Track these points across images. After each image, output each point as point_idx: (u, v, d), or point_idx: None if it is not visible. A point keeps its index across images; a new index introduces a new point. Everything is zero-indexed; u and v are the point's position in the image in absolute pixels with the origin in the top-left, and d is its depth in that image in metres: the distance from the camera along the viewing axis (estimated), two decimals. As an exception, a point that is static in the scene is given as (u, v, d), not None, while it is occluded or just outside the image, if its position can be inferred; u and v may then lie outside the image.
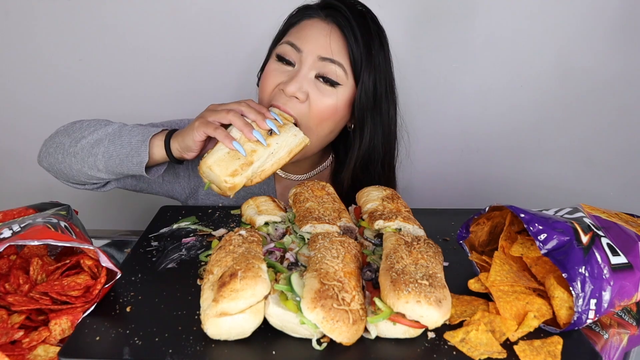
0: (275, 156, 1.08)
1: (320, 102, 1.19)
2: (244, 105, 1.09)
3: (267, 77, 1.24)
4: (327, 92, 1.20)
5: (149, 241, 1.07)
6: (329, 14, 1.22)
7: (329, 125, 1.24)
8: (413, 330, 0.75)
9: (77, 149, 1.17)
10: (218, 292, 0.73)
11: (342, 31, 1.20)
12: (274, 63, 1.24)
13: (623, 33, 1.76)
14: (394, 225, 0.95)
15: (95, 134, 1.17)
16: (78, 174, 1.20)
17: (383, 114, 1.28)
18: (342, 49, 1.20)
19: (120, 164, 1.14)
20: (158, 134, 1.15)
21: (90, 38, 1.79)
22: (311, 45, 1.19)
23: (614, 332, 0.89)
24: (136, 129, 1.16)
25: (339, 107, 1.22)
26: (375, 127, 1.27)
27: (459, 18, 1.76)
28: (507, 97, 1.86)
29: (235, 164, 1.03)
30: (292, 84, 1.16)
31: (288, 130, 1.09)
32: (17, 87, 1.86)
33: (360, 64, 1.20)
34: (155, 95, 1.88)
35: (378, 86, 1.24)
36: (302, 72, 1.18)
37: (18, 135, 1.92)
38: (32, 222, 0.92)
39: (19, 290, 0.83)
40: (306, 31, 1.22)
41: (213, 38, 1.80)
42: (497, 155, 1.95)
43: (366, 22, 1.22)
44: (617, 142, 1.90)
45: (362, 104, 1.22)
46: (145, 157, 1.12)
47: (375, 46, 1.22)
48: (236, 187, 1.04)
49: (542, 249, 0.80)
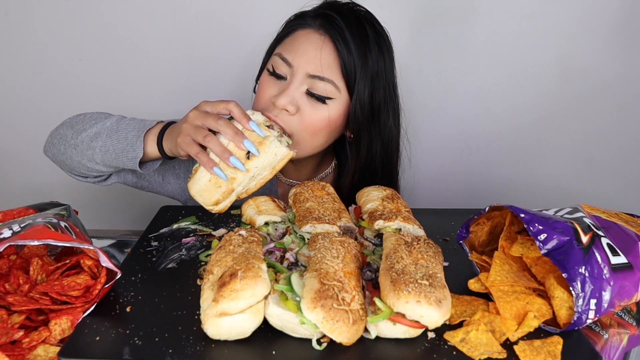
0: (257, 178, 1.05)
1: (312, 115, 1.18)
2: (222, 123, 1.02)
3: (260, 88, 1.23)
4: (317, 106, 1.18)
5: (149, 241, 1.07)
6: (322, 25, 1.18)
7: (324, 136, 1.23)
8: (413, 330, 0.75)
9: (77, 141, 1.18)
10: (218, 292, 0.73)
11: (334, 43, 1.16)
12: (267, 76, 1.23)
13: (623, 33, 1.76)
14: (394, 225, 0.95)
15: (95, 127, 1.17)
16: (78, 166, 1.21)
17: (382, 123, 1.25)
18: (333, 62, 1.16)
19: (116, 158, 1.14)
20: (152, 129, 1.13)
21: (90, 38, 1.80)
22: (302, 60, 1.16)
23: (614, 332, 0.89)
24: (133, 123, 1.15)
25: (332, 119, 1.19)
26: (372, 137, 1.25)
27: (460, 18, 1.76)
28: (507, 97, 1.86)
29: (217, 193, 1.03)
30: (282, 97, 1.15)
31: (268, 149, 1.02)
32: (17, 87, 1.86)
33: (353, 76, 1.17)
34: (155, 95, 1.88)
35: (375, 96, 1.20)
36: (292, 86, 1.16)
37: (18, 135, 1.92)
38: (32, 222, 0.92)
39: (19, 290, 0.83)
40: (298, 44, 1.19)
41: (213, 38, 1.80)
42: (497, 155, 1.95)
43: (363, 30, 1.18)
44: (617, 142, 1.90)
45: (357, 116, 1.19)
46: (139, 153, 1.11)
47: (372, 54, 1.18)
48: (223, 210, 1.07)
49: (542, 249, 0.80)
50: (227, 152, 1.00)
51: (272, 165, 1.05)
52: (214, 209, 1.06)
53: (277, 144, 1.02)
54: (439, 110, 1.88)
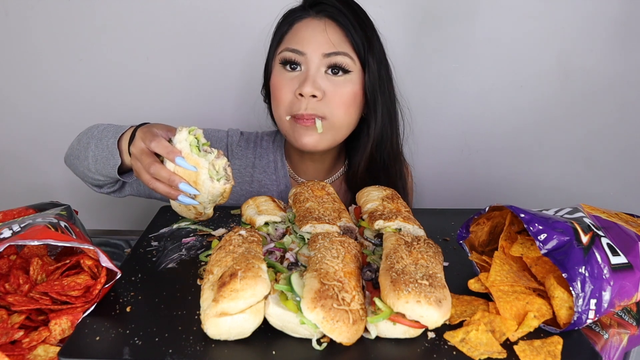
0: (216, 197, 1.00)
1: (338, 93, 1.21)
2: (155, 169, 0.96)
3: (279, 89, 1.24)
4: (340, 82, 1.22)
5: (149, 241, 1.07)
6: (319, 10, 1.23)
7: (354, 110, 1.26)
8: (413, 330, 0.75)
9: (79, 152, 1.19)
10: (218, 292, 0.73)
11: (336, 22, 1.21)
12: (280, 73, 1.24)
13: (623, 34, 1.76)
14: (394, 225, 0.95)
15: (90, 137, 1.17)
16: (85, 176, 1.23)
17: (386, 94, 1.29)
18: (342, 39, 1.21)
19: (104, 166, 1.13)
20: (124, 134, 1.10)
21: (90, 38, 1.80)
22: (312, 45, 1.20)
23: (614, 332, 0.89)
24: (112, 130, 1.13)
25: (356, 91, 1.24)
26: (383, 107, 1.29)
27: (460, 18, 1.76)
28: (508, 97, 1.86)
29: (191, 214, 1.08)
30: (306, 85, 1.18)
31: (202, 188, 0.96)
32: (17, 87, 1.86)
33: (363, 48, 1.22)
34: (155, 95, 1.88)
35: (380, 67, 1.26)
36: (312, 71, 1.20)
37: (18, 135, 1.92)
38: (32, 222, 0.92)
39: (19, 290, 0.83)
40: (302, 33, 1.22)
41: (213, 38, 1.80)
42: (498, 155, 1.96)
43: (354, 10, 1.24)
44: (617, 142, 1.90)
45: (373, 86, 1.25)
46: (118, 160, 1.10)
47: (368, 27, 1.24)
48: (209, 216, 1.09)
49: (542, 249, 0.80)
50: (175, 192, 0.97)
51: (215, 200, 1.01)
52: (200, 218, 1.09)
53: (208, 184, 0.96)
54: (439, 110, 1.88)
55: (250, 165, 1.41)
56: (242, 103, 1.87)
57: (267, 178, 1.41)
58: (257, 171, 1.42)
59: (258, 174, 1.41)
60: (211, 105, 1.89)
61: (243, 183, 1.41)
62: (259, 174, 1.41)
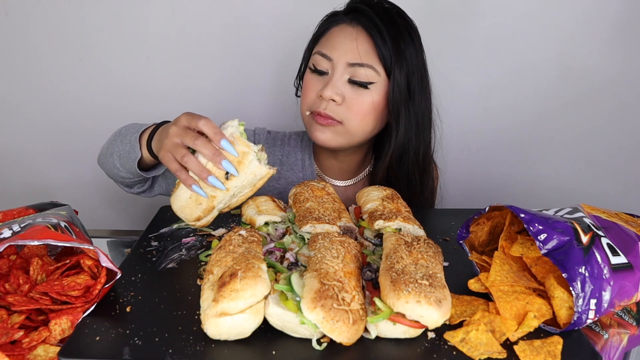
0: (238, 195, 1.02)
1: (357, 100, 1.25)
2: (200, 142, 0.96)
3: (306, 88, 1.31)
4: (361, 92, 1.25)
5: (149, 241, 1.07)
6: (354, 18, 1.26)
7: (372, 120, 1.29)
8: (413, 330, 0.75)
9: (107, 150, 1.23)
10: (218, 292, 0.73)
11: (368, 32, 1.24)
12: (310, 74, 1.30)
13: (623, 33, 1.76)
14: (394, 225, 0.95)
15: (119, 134, 1.21)
16: (114, 175, 1.26)
17: (416, 105, 1.31)
18: (369, 49, 1.23)
19: (127, 161, 1.17)
20: (146, 130, 1.14)
21: (90, 38, 1.80)
22: (340, 52, 1.24)
23: (614, 332, 0.89)
24: (136, 126, 1.18)
25: (376, 102, 1.26)
26: (409, 118, 1.30)
27: (460, 18, 1.76)
28: (507, 97, 1.86)
29: (197, 210, 1.01)
30: (328, 89, 1.23)
31: (247, 169, 0.97)
32: (17, 87, 1.86)
33: (390, 60, 1.23)
34: (155, 95, 1.88)
35: (411, 79, 1.27)
36: (335, 77, 1.24)
37: (18, 135, 1.92)
38: (32, 222, 0.92)
39: (19, 290, 0.83)
40: (334, 38, 1.27)
41: (213, 38, 1.80)
42: (497, 155, 1.95)
43: (392, 19, 1.25)
44: (617, 142, 1.90)
45: (396, 97, 1.26)
46: (138, 153, 1.13)
47: (404, 41, 1.25)
48: (205, 224, 1.05)
49: (542, 249, 0.80)
50: (206, 171, 0.97)
51: (253, 184, 1.01)
52: (196, 224, 1.04)
53: (256, 164, 0.97)
54: (439, 110, 1.88)
55: (277, 163, 1.46)
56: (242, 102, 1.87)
57: (294, 176, 1.45)
58: (285, 168, 1.46)
59: (285, 171, 1.45)
60: (211, 105, 1.89)
61: (270, 179, 1.42)
62: (286, 171, 1.45)
